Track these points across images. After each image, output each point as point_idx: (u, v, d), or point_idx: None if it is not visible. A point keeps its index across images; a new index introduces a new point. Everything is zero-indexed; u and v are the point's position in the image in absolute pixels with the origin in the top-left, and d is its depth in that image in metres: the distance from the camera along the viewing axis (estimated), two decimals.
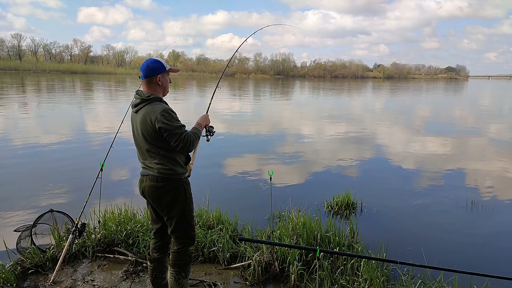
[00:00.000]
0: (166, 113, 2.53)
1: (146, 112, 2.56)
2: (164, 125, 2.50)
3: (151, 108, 2.56)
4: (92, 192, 3.89)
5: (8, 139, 10.64)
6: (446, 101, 33.07)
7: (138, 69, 2.89)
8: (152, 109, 2.55)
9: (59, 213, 4.06)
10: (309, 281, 3.40)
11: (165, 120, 2.51)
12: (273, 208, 5.05)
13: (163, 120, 2.50)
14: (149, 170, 2.66)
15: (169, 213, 2.71)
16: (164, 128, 2.51)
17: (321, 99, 32.89)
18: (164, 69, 2.67)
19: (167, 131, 2.52)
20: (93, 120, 15.15)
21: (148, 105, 2.59)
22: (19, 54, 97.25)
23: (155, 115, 2.51)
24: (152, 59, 2.68)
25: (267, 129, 13.98)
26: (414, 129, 14.97)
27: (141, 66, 2.68)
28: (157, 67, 2.65)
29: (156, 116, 2.51)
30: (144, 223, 4.18)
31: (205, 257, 3.82)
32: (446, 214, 5.64)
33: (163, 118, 2.51)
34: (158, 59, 2.69)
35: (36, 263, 3.56)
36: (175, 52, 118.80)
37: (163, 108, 2.55)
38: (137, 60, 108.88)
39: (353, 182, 7.08)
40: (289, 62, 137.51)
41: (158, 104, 2.60)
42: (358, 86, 63.13)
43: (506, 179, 7.67)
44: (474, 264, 4.17)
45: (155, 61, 2.66)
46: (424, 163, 8.95)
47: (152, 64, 2.64)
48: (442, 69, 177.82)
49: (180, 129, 2.57)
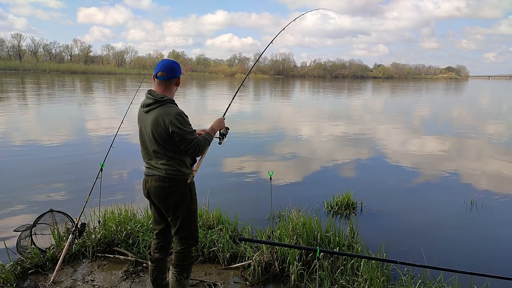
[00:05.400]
0: (180, 117, 2.53)
1: (159, 114, 2.54)
2: (178, 129, 2.51)
3: (165, 110, 2.55)
4: (92, 192, 3.89)
5: (8, 139, 10.63)
6: (446, 101, 33.08)
7: (138, 69, 2.88)
8: (166, 111, 2.54)
9: (59, 213, 4.06)
10: (309, 281, 3.40)
11: (179, 124, 2.51)
12: (273, 208, 5.04)
13: (177, 124, 2.50)
14: (155, 170, 2.65)
15: (174, 214, 2.71)
16: (177, 132, 2.51)
17: (321, 99, 32.89)
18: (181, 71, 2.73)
19: (179, 136, 2.53)
20: (93, 120, 15.15)
21: (162, 106, 2.57)
22: (19, 54, 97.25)
23: (169, 117, 2.51)
24: (173, 60, 2.68)
25: (267, 129, 13.98)
26: (414, 129, 14.98)
27: (163, 67, 2.60)
28: (179, 69, 2.68)
29: (170, 119, 2.50)
30: (144, 223, 4.18)
31: (205, 257, 3.82)
32: (446, 214, 5.64)
33: (177, 121, 2.51)
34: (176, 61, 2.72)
35: (36, 263, 3.55)
36: (175, 52, 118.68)
37: (178, 112, 2.55)
38: (137, 60, 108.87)
39: (353, 182, 7.08)
40: (289, 62, 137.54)
41: (172, 106, 2.59)
42: (359, 86, 63.12)
43: (506, 179, 7.68)
44: (474, 264, 4.16)
45: (176, 62, 2.68)
46: (424, 163, 8.95)
47: (177, 66, 2.66)
48: (442, 69, 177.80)
49: (191, 134, 2.58)
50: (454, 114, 21.98)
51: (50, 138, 10.87)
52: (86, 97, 27.55)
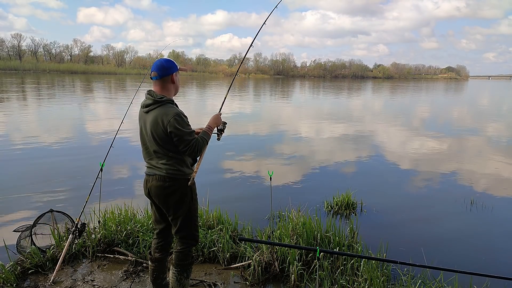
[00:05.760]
0: (178, 118, 2.53)
1: (158, 114, 2.55)
2: (176, 130, 2.51)
3: (164, 110, 2.55)
4: (92, 192, 3.89)
5: (8, 139, 10.63)
6: (446, 101, 33.07)
7: (138, 69, 2.88)
8: (165, 112, 2.54)
9: (59, 213, 4.06)
10: (309, 281, 3.40)
11: (177, 124, 2.51)
12: (273, 208, 5.04)
13: (175, 125, 2.50)
14: (156, 170, 2.66)
15: (175, 213, 2.71)
16: (175, 133, 2.52)
17: (321, 99, 32.89)
18: (177, 68, 2.70)
19: (178, 136, 2.53)
20: (93, 120, 15.15)
21: (161, 107, 2.58)
22: (19, 54, 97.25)
23: (168, 118, 2.51)
24: (164, 59, 2.69)
25: (267, 129, 13.98)
26: (414, 129, 14.97)
27: (154, 66, 2.65)
28: (172, 66, 2.66)
29: (168, 120, 2.51)
30: (144, 223, 4.18)
31: (205, 257, 3.82)
32: (446, 214, 5.64)
33: (175, 122, 2.51)
34: (170, 59, 2.72)
35: (36, 263, 3.55)
36: (175, 52, 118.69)
37: (176, 112, 2.55)
38: (137, 60, 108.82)
39: (353, 182, 7.08)
40: (289, 62, 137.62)
41: (171, 107, 2.60)
42: (359, 86, 63.11)
43: (505, 179, 7.67)
44: (474, 264, 4.16)
45: (169, 60, 2.68)
46: (424, 163, 8.94)
47: (167, 63, 2.65)
48: (442, 69, 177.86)
49: (190, 135, 2.58)
50: (454, 114, 21.98)
51: (50, 138, 10.87)
52: (86, 97, 27.55)
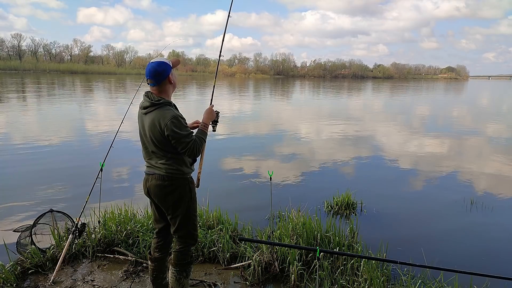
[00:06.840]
0: (175, 120, 2.52)
1: (155, 117, 2.55)
2: (173, 133, 2.50)
3: (161, 113, 2.54)
4: (92, 192, 3.89)
5: (8, 139, 10.64)
6: (446, 101, 33.06)
7: (138, 69, 2.88)
8: (162, 115, 2.53)
9: (59, 213, 4.06)
10: (309, 281, 3.40)
11: (174, 127, 2.50)
12: (273, 208, 5.03)
13: (172, 128, 2.50)
14: (155, 169, 2.66)
15: (174, 212, 2.72)
16: (173, 136, 2.52)
17: (321, 99, 32.88)
18: (170, 67, 2.64)
19: (175, 139, 2.53)
20: (93, 120, 15.14)
21: (158, 109, 2.56)
22: (19, 54, 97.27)
23: (165, 121, 2.50)
24: (155, 63, 2.58)
25: (267, 129, 13.98)
26: (414, 129, 14.97)
27: (148, 73, 2.56)
28: (165, 68, 2.58)
29: (166, 123, 2.50)
30: (144, 223, 4.18)
31: (205, 257, 3.82)
32: (446, 214, 5.64)
33: (172, 125, 2.50)
34: (160, 60, 2.61)
35: (36, 263, 3.55)
36: (175, 52, 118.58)
37: (173, 115, 2.53)
38: (137, 60, 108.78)
39: (353, 182, 7.08)
40: (289, 62, 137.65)
41: (168, 109, 2.58)
42: (359, 86, 63.10)
43: (505, 179, 7.67)
44: (474, 264, 4.16)
45: (160, 63, 2.57)
46: (424, 163, 8.94)
47: (160, 67, 2.56)
48: (442, 69, 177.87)
49: (188, 137, 2.56)
50: (454, 114, 21.98)
51: (50, 138, 10.87)
52: (86, 97, 27.54)
